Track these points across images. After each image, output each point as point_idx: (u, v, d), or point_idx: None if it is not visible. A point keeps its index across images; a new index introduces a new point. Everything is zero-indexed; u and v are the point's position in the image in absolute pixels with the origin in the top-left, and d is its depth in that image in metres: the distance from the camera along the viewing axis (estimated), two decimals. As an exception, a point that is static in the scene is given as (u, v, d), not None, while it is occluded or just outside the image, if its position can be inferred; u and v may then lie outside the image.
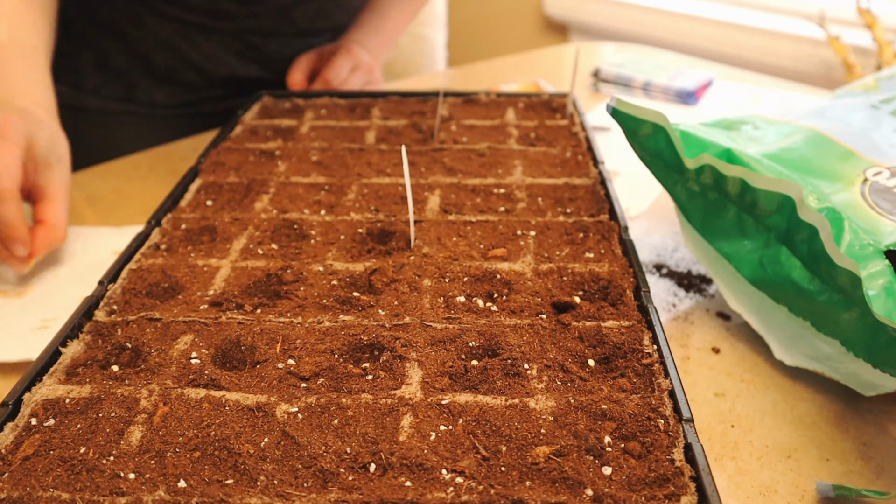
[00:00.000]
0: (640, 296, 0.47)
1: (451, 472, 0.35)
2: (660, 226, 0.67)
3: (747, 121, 0.59)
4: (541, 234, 0.55)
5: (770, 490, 0.42)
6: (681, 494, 0.34)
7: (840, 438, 0.45)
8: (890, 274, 0.41)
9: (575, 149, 0.68)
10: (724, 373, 0.50)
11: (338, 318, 0.46)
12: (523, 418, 0.38)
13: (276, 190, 0.62)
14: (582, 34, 1.98)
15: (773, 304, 0.50)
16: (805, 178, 0.49)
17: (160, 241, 0.55)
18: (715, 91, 0.98)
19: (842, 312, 0.44)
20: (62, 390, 0.40)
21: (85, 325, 0.46)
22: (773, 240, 0.48)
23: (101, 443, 0.37)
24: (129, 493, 0.34)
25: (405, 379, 0.41)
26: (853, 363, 0.46)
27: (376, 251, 0.53)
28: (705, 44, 1.63)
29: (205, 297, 0.48)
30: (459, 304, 0.47)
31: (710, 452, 0.44)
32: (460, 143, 0.69)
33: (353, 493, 0.34)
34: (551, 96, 0.80)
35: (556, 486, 0.35)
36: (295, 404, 0.39)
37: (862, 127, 0.55)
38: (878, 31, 1.19)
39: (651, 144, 0.52)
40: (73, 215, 0.70)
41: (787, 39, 1.49)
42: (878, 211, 0.46)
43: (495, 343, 0.43)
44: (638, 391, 0.40)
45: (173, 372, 0.42)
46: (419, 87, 1.00)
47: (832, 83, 1.35)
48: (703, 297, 0.58)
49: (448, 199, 0.59)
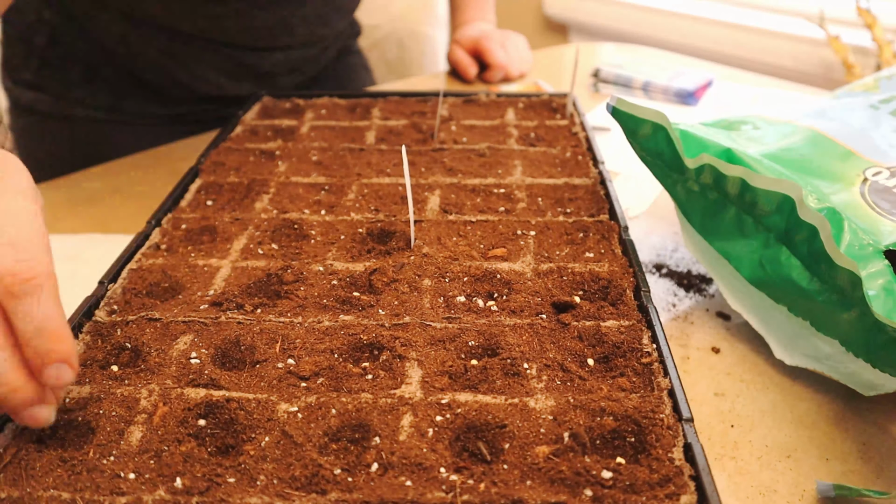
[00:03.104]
0: (640, 296, 0.47)
1: (450, 472, 0.35)
2: (660, 226, 0.67)
3: (747, 121, 0.59)
4: (541, 234, 0.55)
5: (770, 490, 0.42)
6: (680, 494, 0.34)
7: (840, 438, 0.45)
8: (890, 274, 0.41)
9: (575, 149, 0.68)
10: (723, 373, 0.50)
11: (338, 317, 0.46)
12: (523, 418, 0.38)
13: (277, 190, 0.62)
14: (582, 34, 1.98)
15: (772, 304, 0.50)
16: (805, 178, 0.49)
17: (160, 241, 0.55)
18: (715, 91, 0.98)
19: (841, 312, 0.44)
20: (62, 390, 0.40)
21: (85, 325, 0.46)
22: (773, 240, 0.48)
23: (102, 443, 0.37)
24: (129, 493, 0.35)
25: (405, 378, 0.41)
26: (853, 363, 0.46)
27: (376, 251, 0.53)
28: (705, 44, 1.63)
29: (205, 297, 0.48)
30: (459, 303, 0.47)
31: (709, 452, 0.44)
32: (460, 143, 0.69)
33: (354, 493, 0.34)
34: (551, 96, 0.80)
35: (555, 486, 0.35)
36: (295, 404, 0.39)
37: (862, 127, 0.55)
38: (878, 31, 1.19)
39: (651, 144, 0.52)
40: (71, 215, 0.70)
41: (787, 39, 1.49)
42: (877, 211, 0.46)
43: (495, 342, 0.43)
44: (637, 391, 0.40)
45: (173, 372, 0.42)
46: (419, 87, 1.00)
47: (832, 83, 1.35)
48: (703, 297, 0.58)
49: (448, 199, 0.59)
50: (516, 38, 1.06)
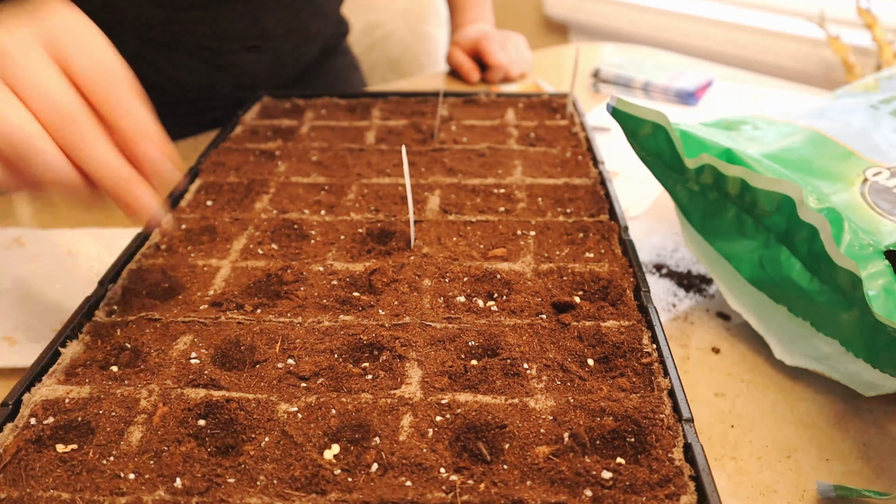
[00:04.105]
0: (640, 296, 0.47)
1: (450, 472, 0.35)
2: (660, 226, 0.67)
3: (747, 121, 0.59)
4: (541, 234, 0.55)
5: (770, 490, 0.42)
6: (680, 494, 0.34)
7: (840, 438, 0.45)
8: (890, 274, 0.41)
9: (575, 149, 0.68)
10: (724, 373, 0.50)
11: (338, 317, 0.46)
12: (523, 418, 0.38)
13: (276, 190, 0.62)
14: (582, 34, 1.98)
15: (773, 304, 0.50)
16: (805, 179, 0.49)
17: (160, 241, 0.55)
18: (715, 91, 0.98)
19: (842, 313, 0.44)
20: (62, 391, 0.40)
21: (84, 326, 0.46)
22: (773, 240, 0.48)
23: (101, 443, 0.37)
24: (129, 493, 0.34)
25: (405, 378, 0.41)
26: (853, 363, 0.46)
27: (376, 251, 0.53)
28: (705, 44, 1.63)
29: (205, 297, 0.48)
30: (459, 303, 0.47)
31: (709, 452, 0.44)
32: (460, 144, 0.69)
33: (354, 493, 0.34)
34: (551, 96, 0.80)
35: (555, 486, 0.35)
36: (295, 404, 0.39)
37: (862, 127, 0.55)
38: (878, 31, 1.19)
39: (651, 144, 0.52)
40: (70, 216, 0.70)
41: (787, 39, 1.49)
42: (877, 211, 0.46)
43: (495, 343, 0.43)
44: (637, 391, 0.40)
45: (173, 372, 0.42)
46: (419, 87, 1.00)
47: (832, 83, 1.35)
48: (703, 297, 0.58)
49: (448, 199, 0.59)
50: (516, 39, 1.06)
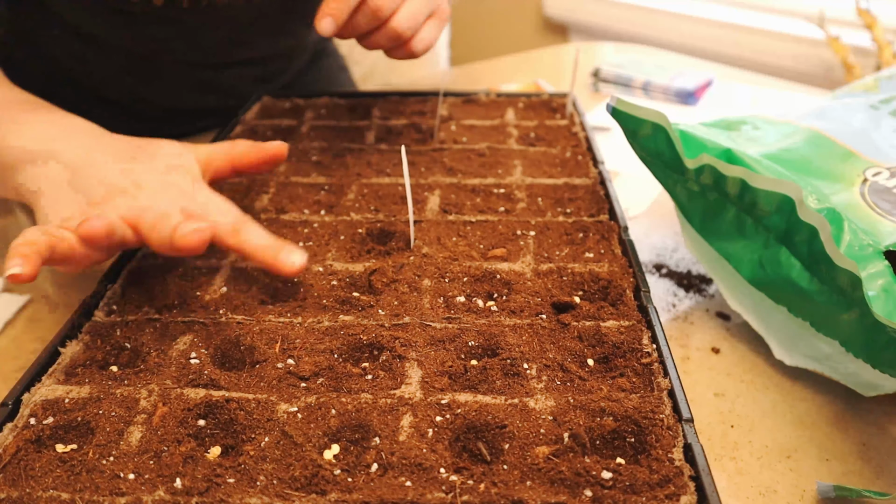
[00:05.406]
0: (640, 296, 0.47)
1: (450, 472, 0.35)
2: (660, 226, 0.67)
3: (747, 121, 0.59)
4: (540, 234, 0.55)
5: (770, 490, 0.42)
6: (680, 494, 0.34)
7: (840, 438, 0.45)
8: (890, 274, 0.41)
9: (575, 149, 0.68)
10: (723, 373, 0.50)
11: (337, 318, 0.46)
12: (523, 418, 0.38)
13: (276, 190, 0.62)
14: (582, 34, 1.98)
15: (772, 304, 0.50)
16: (805, 179, 0.49)
17: (160, 241, 0.55)
18: (715, 91, 0.98)
19: (841, 313, 0.44)
20: (61, 391, 0.40)
21: (84, 326, 0.46)
22: (773, 240, 0.48)
23: (101, 443, 0.37)
24: (129, 493, 0.34)
25: (405, 379, 0.41)
26: (853, 363, 0.46)
27: (376, 251, 0.53)
28: (705, 44, 1.63)
29: (205, 296, 0.48)
30: (459, 304, 0.47)
31: (709, 452, 0.44)
32: (460, 143, 0.69)
33: (353, 494, 0.34)
34: (551, 96, 0.80)
35: (555, 487, 0.35)
36: (294, 404, 0.39)
37: (862, 127, 0.55)
38: (878, 32, 1.19)
39: (651, 144, 0.52)
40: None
41: (787, 39, 1.49)
42: (877, 211, 0.46)
43: (495, 343, 0.43)
44: (637, 391, 0.40)
45: (172, 372, 0.42)
46: (419, 87, 1.00)
47: (832, 83, 1.35)
48: (703, 297, 0.58)
49: (448, 199, 0.59)
50: None
